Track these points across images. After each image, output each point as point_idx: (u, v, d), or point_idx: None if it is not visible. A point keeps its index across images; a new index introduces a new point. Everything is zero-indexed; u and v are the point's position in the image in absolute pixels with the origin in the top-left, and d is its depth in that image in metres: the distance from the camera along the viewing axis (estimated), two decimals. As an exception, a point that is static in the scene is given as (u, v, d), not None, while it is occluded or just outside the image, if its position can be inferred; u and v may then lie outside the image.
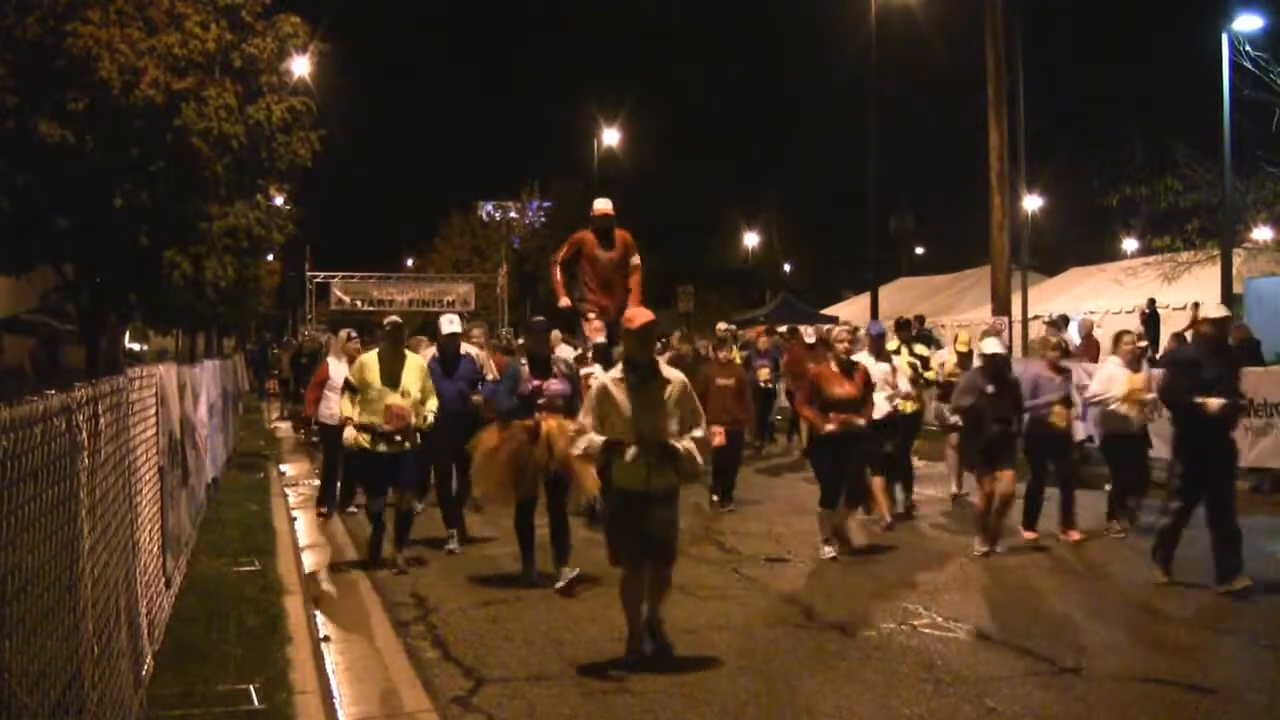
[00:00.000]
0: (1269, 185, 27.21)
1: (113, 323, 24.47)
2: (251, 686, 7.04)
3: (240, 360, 39.06)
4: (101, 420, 5.62)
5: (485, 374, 13.03)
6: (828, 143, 73.60)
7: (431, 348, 13.16)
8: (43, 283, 25.90)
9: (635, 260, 13.99)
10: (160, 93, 18.00)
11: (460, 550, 12.18)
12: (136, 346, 50.10)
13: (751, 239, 77.82)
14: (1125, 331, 13.85)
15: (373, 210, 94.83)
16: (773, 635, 8.77)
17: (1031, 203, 44.92)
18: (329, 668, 7.81)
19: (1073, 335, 22.28)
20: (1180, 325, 25.76)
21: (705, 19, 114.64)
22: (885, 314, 33.23)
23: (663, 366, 8.24)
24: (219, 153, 18.99)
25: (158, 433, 8.57)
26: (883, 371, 13.54)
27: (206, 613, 8.84)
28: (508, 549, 11.58)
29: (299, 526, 13.56)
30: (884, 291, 37.34)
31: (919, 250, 76.50)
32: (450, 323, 12.58)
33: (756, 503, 15.59)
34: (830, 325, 29.52)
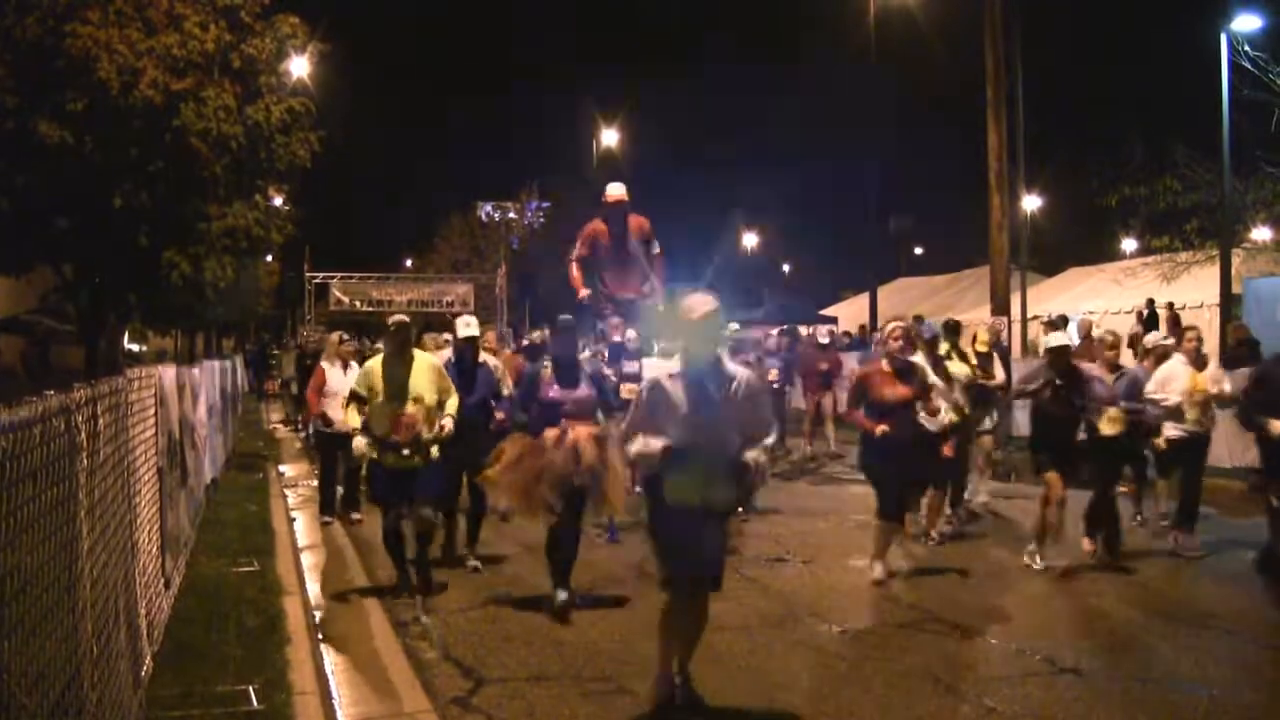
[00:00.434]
0: (1268, 185, 27.23)
1: (112, 323, 24.46)
2: (251, 687, 7.04)
3: (239, 361, 39.07)
4: (100, 421, 5.62)
5: (503, 387, 11.70)
6: (827, 143, 73.46)
7: (445, 349, 12.95)
8: (42, 283, 25.89)
9: (656, 249, 13.48)
10: (159, 93, 18.01)
11: (484, 570, 11.16)
12: (135, 347, 50.09)
13: (750, 239, 77.78)
14: (1190, 327, 13.30)
15: (372, 211, 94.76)
16: (772, 635, 8.77)
17: (1031, 203, 44.90)
18: (328, 668, 7.81)
19: (1072, 335, 22.28)
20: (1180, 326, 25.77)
21: (705, 19, 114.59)
22: (884, 314, 33.23)
23: (728, 362, 7.03)
24: (218, 153, 19.00)
25: (157, 433, 8.57)
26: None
27: (205, 613, 8.85)
28: (508, 549, 11.58)
29: (298, 527, 13.57)
30: (883, 291, 37.36)
31: (918, 250, 76.48)
32: (467, 325, 11.37)
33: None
34: (830, 326, 29.53)
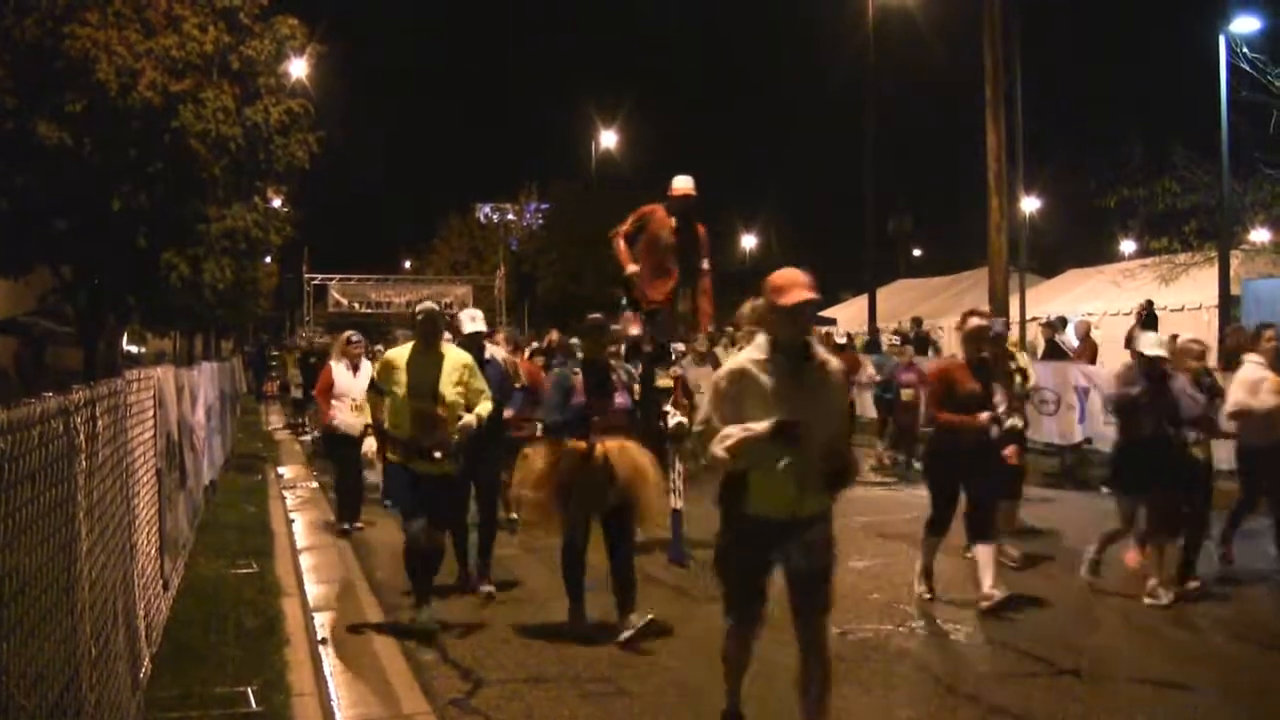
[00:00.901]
0: (1267, 187, 27.25)
1: (110, 325, 24.47)
2: (249, 688, 7.04)
3: (238, 362, 39.08)
4: (99, 423, 5.63)
5: (514, 383, 11.02)
6: (826, 144, 73.53)
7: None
8: (41, 285, 25.91)
9: (706, 265, 12.53)
10: (158, 94, 18.01)
11: (496, 596, 10.11)
12: (134, 349, 50.07)
13: (750, 240, 77.86)
14: (1268, 325, 11.99)
15: (370, 212, 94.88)
16: (770, 635, 8.74)
17: (1029, 204, 44.95)
18: (327, 670, 7.81)
19: (1070, 337, 22.29)
20: (1180, 328, 25.77)
21: (703, 20, 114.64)
22: (883, 316, 33.30)
23: (820, 349, 6.07)
24: (217, 155, 19.00)
25: (155, 435, 8.57)
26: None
27: (204, 615, 8.84)
28: (508, 551, 11.58)
29: (297, 529, 13.56)
30: (882, 293, 37.38)
31: (917, 252, 76.55)
32: (473, 319, 10.32)
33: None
34: (829, 327, 29.50)
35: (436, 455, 8.85)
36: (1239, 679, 7.87)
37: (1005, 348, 12.91)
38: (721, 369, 6.21)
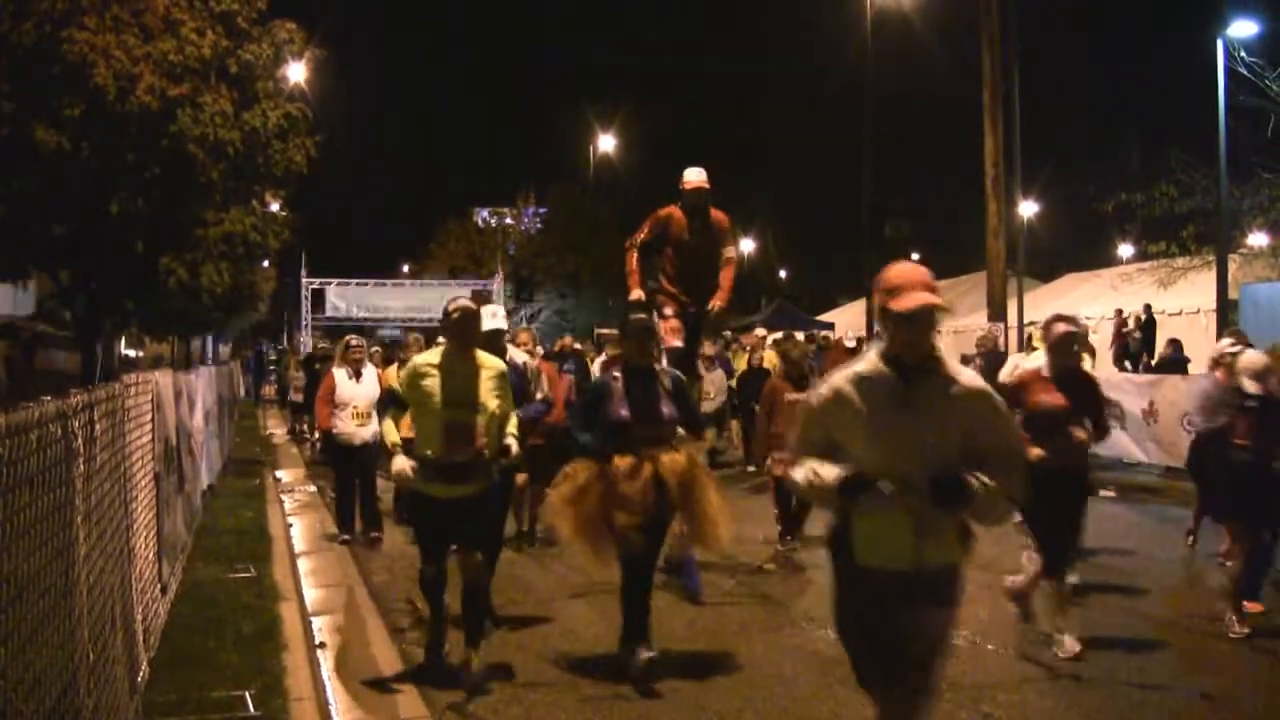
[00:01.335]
0: (1264, 191, 27.27)
1: (108, 329, 24.48)
2: (247, 693, 7.03)
3: (236, 366, 39.06)
4: (97, 426, 5.63)
5: (537, 389, 9.79)
6: (823, 148, 73.37)
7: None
8: (39, 289, 25.93)
9: (730, 252, 11.70)
10: (156, 99, 18.03)
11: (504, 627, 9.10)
12: (132, 353, 50.11)
13: (747, 245, 77.89)
14: None
15: (368, 216, 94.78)
16: (768, 640, 8.76)
17: (1027, 208, 44.98)
18: (324, 674, 7.79)
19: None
20: (1178, 332, 25.80)
21: (701, 26, 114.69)
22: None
23: (949, 362, 4.88)
24: (215, 159, 19.02)
25: (153, 439, 8.57)
26: None
27: (202, 619, 8.83)
28: (507, 553, 11.56)
29: (295, 533, 13.53)
30: (880, 297, 37.31)
31: (914, 256, 76.56)
32: (494, 316, 9.19)
33: (751, 510, 15.57)
34: (826, 331, 29.49)
35: (466, 476, 7.62)
36: (1243, 685, 7.86)
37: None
38: (820, 386, 5.03)
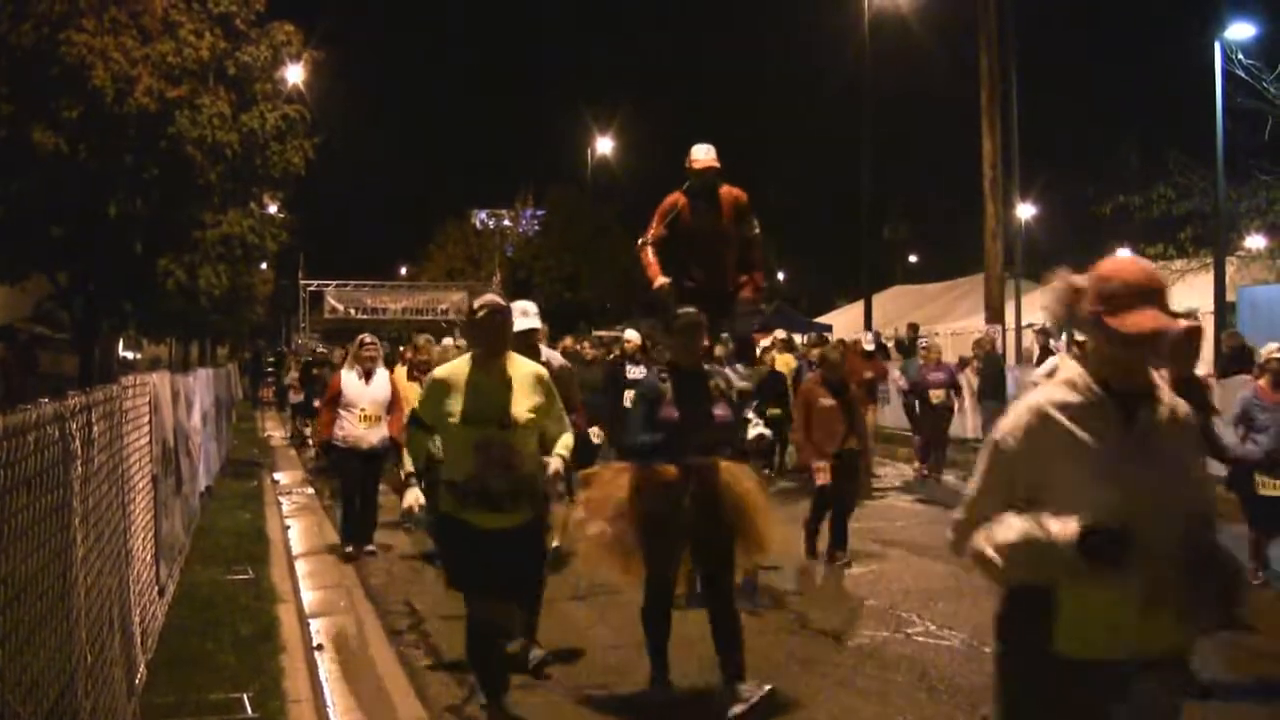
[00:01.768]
0: (1262, 193, 27.30)
1: (106, 331, 24.46)
2: (245, 695, 7.03)
3: (234, 368, 39.04)
4: (95, 428, 5.63)
5: (573, 398, 8.48)
6: (821, 150, 73.37)
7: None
8: (37, 291, 25.93)
9: (755, 231, 10.78)
10: (154, 101, 18.03)
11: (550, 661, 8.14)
12: (130, 355, 50.06)
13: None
14: None
15: (366, 218, 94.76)
16: (766, 643, 8.76)
17: (1025, 210, 45.00)
18: (322, 676, 7.79)
19: (1062, 346, 22.30)
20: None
21: (700, 27, 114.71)
22: (879, 323, 33.27)
23: (1163, 387, 3.72)
24: (213, 161, 19.01)
25: (151, 441, 8.56)
26: None
27: (200, 621, 8.83)
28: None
29: (292, 535, 13.54)
30: (877, 300, 37.35)
31: (913, 258, 76.56)
32: (525, 314, 8.22)
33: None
34: (824, 333, 29.49)
35: (507, 504, 6.50)
36: (1242, 687, 7.86)
37: None
38: (1013, 413, 3.74)
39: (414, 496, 6.80)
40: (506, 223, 75.38)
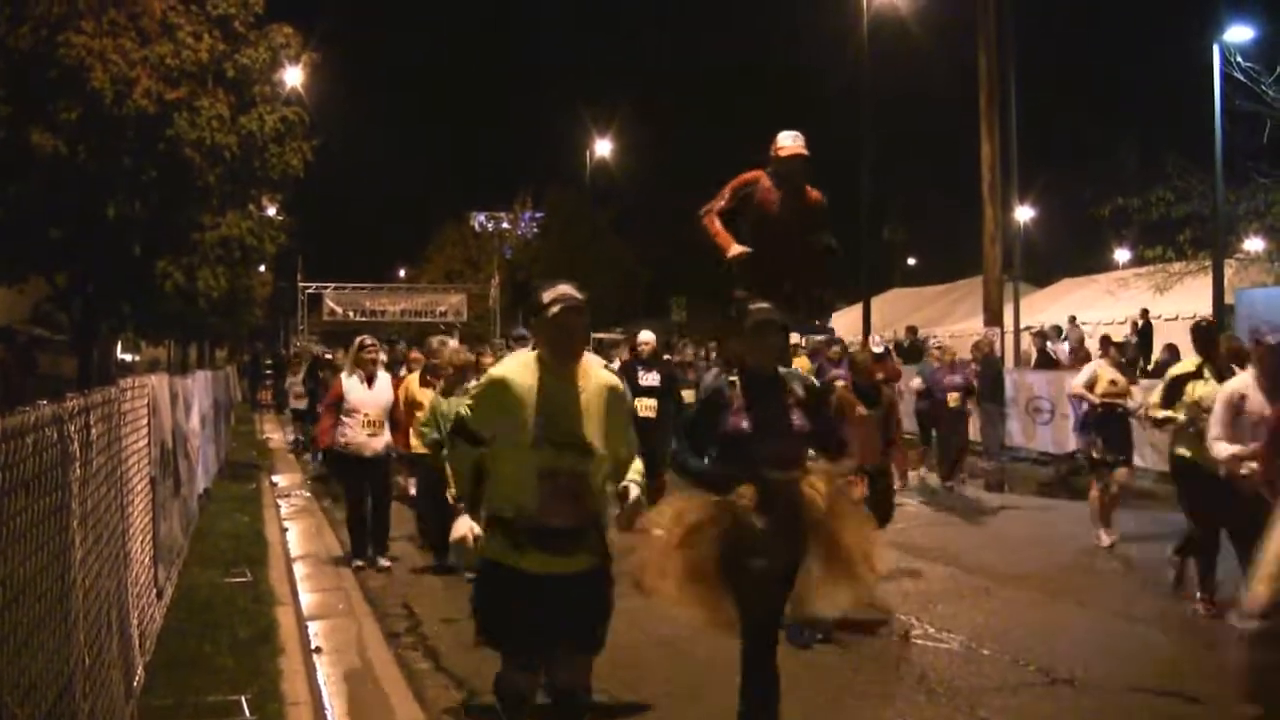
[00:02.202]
0: (1260, 195, 27.31)
1: (105, 333, 24.45)
2: (243, 697, 7.02)
3: (232, 370, 39.03)
4: (93, 430, 5.62)
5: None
6: (820, 152, 73.21)
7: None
8: (36, 293, 25.92)
9: (829, 240, 9.84)
10: (153, 103, 18.02)
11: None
12: (129, 357, 50.09)
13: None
14: None
15: (365, 220, 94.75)
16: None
17: (1024, 213, 45.04)
18: (320, 679, 7.79)
19: (1064, 347, 22.33)
20: (1174, 337, 25.81)
21: (698, 28, 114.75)
22: (877, 325, 33.28)
23: None
24: (211, 163, 18.99)
25: (150, 443, 8.56)
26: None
27: (198, 624, 8.82)
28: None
29: (290, 537, 13.52)
30: (876, 302, 37.37)
31: (911, 261, 76.58)
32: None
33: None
34: (825, 333, 29.44)
35: (571, 545, 5.28)
36: (1233, 689, 7.86)
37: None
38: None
39: (468, 525, 5.37)
40: (505, 225, 75.43)
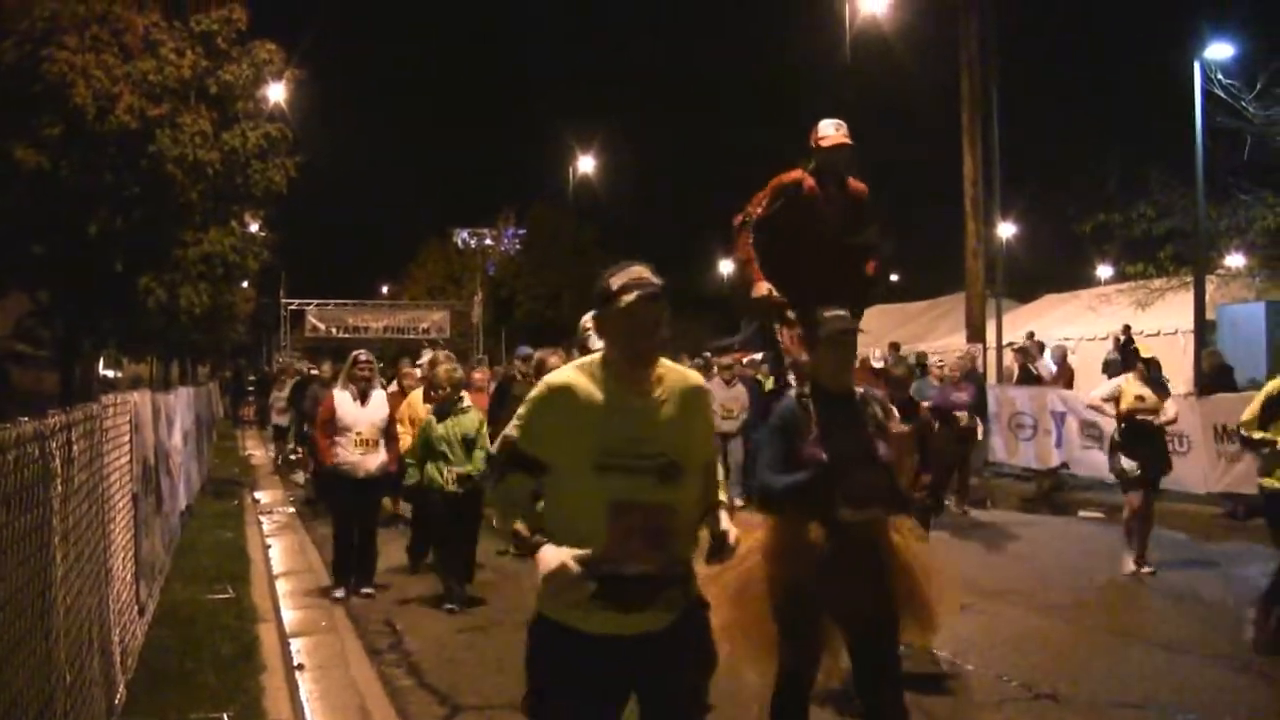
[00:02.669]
0: (1241, 212, 27.40)
1: (87, 349, 24.40)
2: (225, 715, 7.00)
3: (215, 387, 38.94)
4: (75, 447, 5.60)
5: None
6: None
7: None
8: (17, 309, 25.88)
9: (875, 238, 9.08)
10: (135, 119, 18.02)
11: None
12: (111, 373, 49.95)
13: (727, 266, 77.97)
14: None
15: (348, 237, 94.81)
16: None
17: (1006, 229, 45.14)
18: (303, 696, 7.76)
19: (1048, 362, 22.37)
20: (1156, 353, 25.86)
21: (682, 46, 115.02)
22: (861, 341, 33.23)
23: None
24: (194, 179, 18.99)
25: (132, 460, 8.53)
26: None
27: (180, 641, 8.79)
28: (485, 577, 11.53)
29: (273, 554, 13.48)
30: (859, 318, 37.39)
31: (894, 277, 76.71)
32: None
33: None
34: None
35: (653, 596, 4.09)
36: (1222, 705, 7.86)
37: None
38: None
39: (557, 556, 3.98)
40: (488, 241, 75.56)
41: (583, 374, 4.17)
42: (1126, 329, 28.22)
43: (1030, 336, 25.79)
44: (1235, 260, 30.47)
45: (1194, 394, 17.31)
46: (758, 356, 16.13)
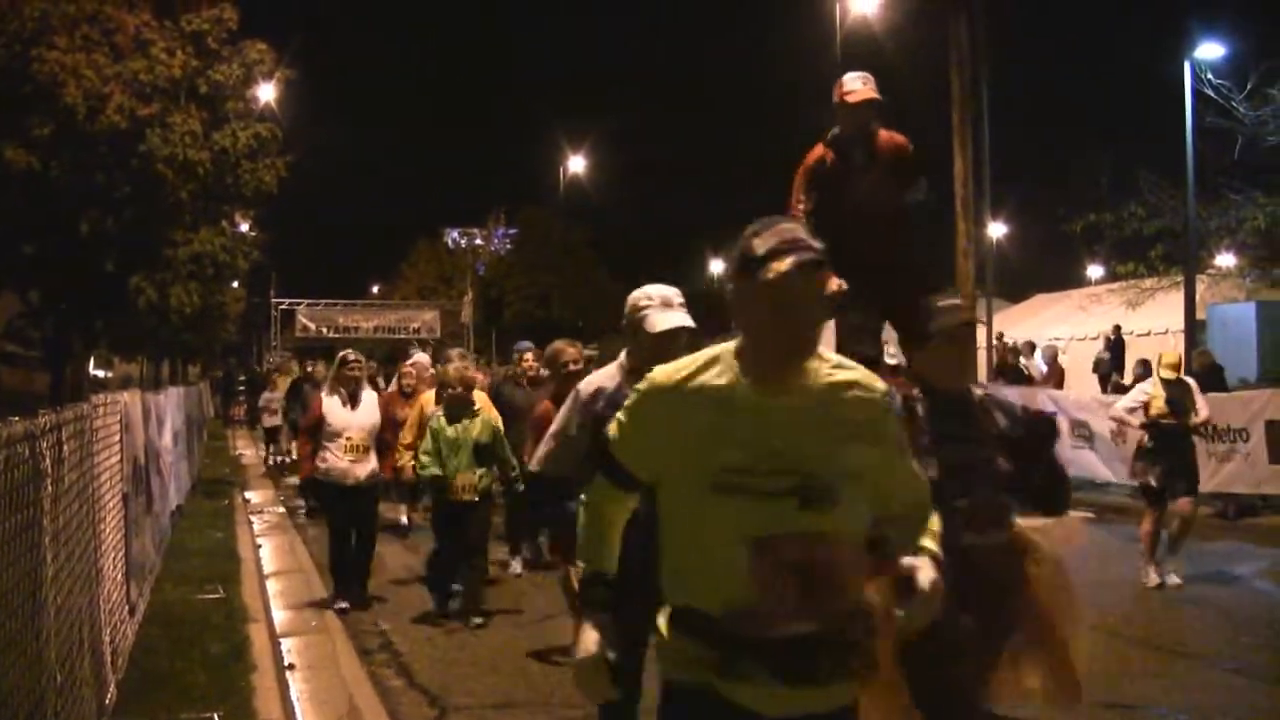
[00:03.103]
0: (1231, 211, 27.44)
1: (78, 349, 24.37)
2: (215, 715, 6.99)
3: (205, 387, 38.90)
4: (65, 447, 5.60)
5: None
6: (793, 166, 73.51)
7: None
8: (8, 309, 25.86)
9: (920, 192, 8.04)
10: (125, 119, 18.01)
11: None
12: (101, 373, 49.90)
13: (719, 265, 77.96)
14: None
15: (338, 237, 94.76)
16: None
17: (997, 229, 45.16)
18: (293, 696, 7.74)
19: (1038, 362, 22.39)
20: (1147, 352, 25.90)
21: (673, 46, 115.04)
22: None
23: None
24: (184, 179, 18.99)
25: (122, 460, 8.52)
26: None
27: (170, 641, 8.77)
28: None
29: (264, 554, 13.46)
30: (850, 318, 37.40)
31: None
32: (667, 305, 5.32)
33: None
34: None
35: (813, 660, 2.99)
36: (1215, 705, 7.87)
37: None
38: None
39: (595, 642, 3.20)
40: (479, 241, 75.45)
41: (711, 369, 3.18)
42: (1117, 329, 28.28)
43: (1000, 337, 25.87)
44: (1226, 260, 30.54)
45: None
46: None
